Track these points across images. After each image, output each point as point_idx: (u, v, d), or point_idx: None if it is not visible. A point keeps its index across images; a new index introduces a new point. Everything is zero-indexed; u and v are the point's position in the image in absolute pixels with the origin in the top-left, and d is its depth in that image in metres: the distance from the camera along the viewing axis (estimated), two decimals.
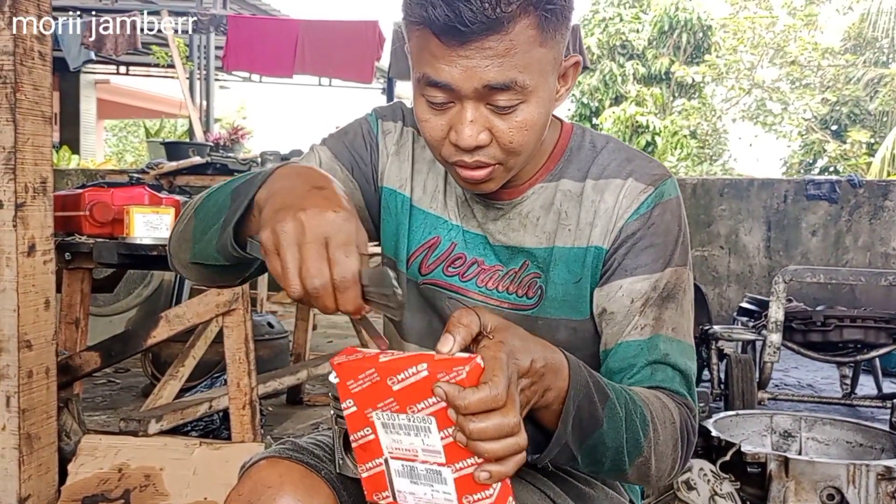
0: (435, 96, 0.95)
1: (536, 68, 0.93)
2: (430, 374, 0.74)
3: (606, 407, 0.89)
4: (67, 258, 2.72)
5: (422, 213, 1.14)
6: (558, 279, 1.07)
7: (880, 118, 16.43)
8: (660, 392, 1.01)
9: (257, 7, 10.80)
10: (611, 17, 18.40)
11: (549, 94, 0.97)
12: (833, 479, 2.31)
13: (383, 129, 1.17)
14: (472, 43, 0.89)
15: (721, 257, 6.94)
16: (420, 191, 1.15)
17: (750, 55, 18.54)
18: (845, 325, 3.98)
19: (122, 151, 22.76)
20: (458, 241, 1.12)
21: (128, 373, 4.58)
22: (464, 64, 0.90)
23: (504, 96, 0.92)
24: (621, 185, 1.06)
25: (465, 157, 0.97)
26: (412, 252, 1.14)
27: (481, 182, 1.00)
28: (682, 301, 1.06)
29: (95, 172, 7.84)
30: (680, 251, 1.06)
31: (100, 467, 2.22)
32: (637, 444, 0.93)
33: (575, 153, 1.10)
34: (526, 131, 0.95)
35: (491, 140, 0.96)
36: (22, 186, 1.92)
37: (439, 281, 1.13)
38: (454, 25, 0.87)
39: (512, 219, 1.10)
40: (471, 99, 0.93)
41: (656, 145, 16.56)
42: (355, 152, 1.15)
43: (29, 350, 1.98)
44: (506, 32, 0.88)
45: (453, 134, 0.96)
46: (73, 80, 12.80)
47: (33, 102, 1.95)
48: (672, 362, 1.03)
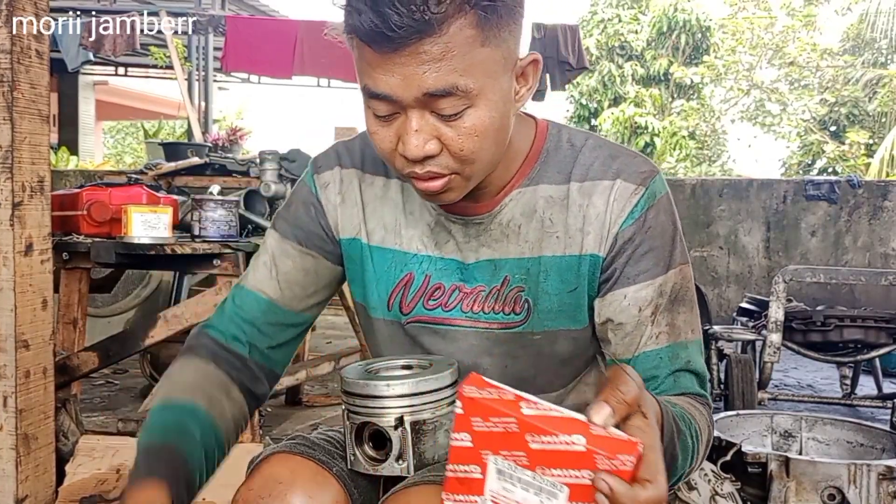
0: (379, 108, 0.91)
1: (480, 70, 0.87)
2: (587, 453, 0.69)
3: (681, 441, 0.89)
4: (65, 258, 2.71)
5: (387, 252, 1.10)
6: (551, 289, 1.04)
7: (879, 119, 16.43)
8: (690, 398, 1.02)
9: (256, 8, 10.80)
10: (609, 18, 18.41)
11: (501, 95, 0.91)
12: (834, 479, 2.30)
13: (320, 183, 1.13)
14: (406, 49, 0.84)
15: (720, 258, 6.94)
16: (380, 230, 1.10)
17: (749, 56, 18.54)
18: (845, 324, 3.97)
19: (120, 153, 22.75)
20: (432, 272, 1.08)
21: (126, 373, 4.57)
22: (400, 72, 0.86)
23: (447, 102, 0.87)
24: (610, 186, 1.02)
25: (416, 169, 0.93)
26: (389, 294, 1.10)
27: (439, 193, 0.95)
28: (690, 298, 1.05)
29: (94, 173, 7.83)
30: (679, 250, 1.04)
31: (98, 468, 2.22)
32: (695, 460, 0.95)
33: (552, 154, 1.06)
34: (477, 137, 0.90)
35: (441, 149, 0.91)
36: (19, 185, 1.92)
37: (422, 317, 1.09)
38: (382, 32, 0.83)
39: (493, 230, 1.05)
40: (414, 108, 0.88)
41: (655, 146, 16.57)
42: (301, 223, 1.13)
43: (26, 350, 1.97)
44: (440, 35, 0.83)
45: (401, 145, 0.91)
46: (72, 81, 12.79)
47: (30, 101, 1.94)
48: (692, 368, 1.03)
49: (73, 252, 2.68)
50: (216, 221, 2.62)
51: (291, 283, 1.12)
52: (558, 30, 7.80)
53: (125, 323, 4.88)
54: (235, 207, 2.70)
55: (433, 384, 0.97)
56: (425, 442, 0.97)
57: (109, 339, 2.67)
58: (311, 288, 1.14)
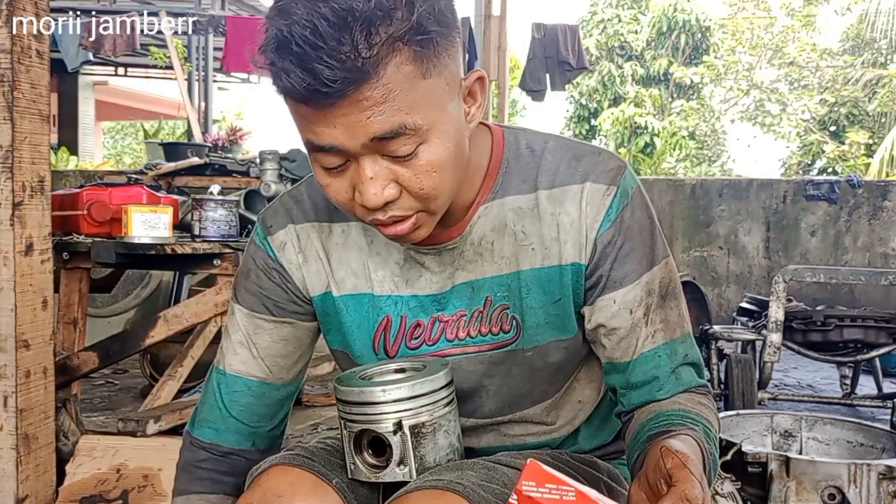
0: (327, 161, 0.86)
1: (426, 103, 0.83)
2: None
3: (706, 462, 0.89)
4: (65, 258, 2.71)
5: (362, 298, 1.06)
6: (535, 303, 1.02)
7: (879, 119, 16.43)
8: (692, 393, 1.03)
9: (256, 8, 10.79)
10: (609, 19, 18.42)
11: (453, 123, 0.87)
12: (834, 478, 2.30)
13: (276, 245, 1.07)
14: (345, 100, 0.79)
15: (720, 258, 6.94)
16: (350, 278, 1.06)
17: (748, 56, 18.55)
18: (845, 324, 3.97)
19: (120, 153, 22.74)
20: (407, 312, 1.04)
21: (126, 373, 4.57)
22: (343, 122, 0.81)
23: (398, 143, 0.83)
24: (580, 190, 0.99)
25: (378, 216, 0.89)
26: (372, 339, 1.06)
27: (409, 234, 0.92)
28: (676, 290, 1.04)
29: (94, 173, 7.83)
30: (659, 244, 1.02)
31: (98, 468, 2.22)
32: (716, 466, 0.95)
33: (514, 162, 1.02)
34: (435, 173, 0.86)
35: (400, 191, 0.87)
36: (19, 185, 1.91)
37: (409, 357, 1.06)
38: (316, 89, 0.77)
39: (466, 251, 1.02)
40: (364, 155, 0.84)
41: (655, 146, 16.57)
42: (266, 291, 1.08)
43: (26, 350, 1.97)
44: (377, 79, 0.78)
45: (357, 195, 0.87)
46: (72, 81, 12.79)
47: (31, 101, 1.94)
48: (690, 360, 1.04)
49: (74, 252, 2.69)
50: (216, 221, 2.62)
51: (275, 357, 1.09)
52: (558, 30, 7.81)
53: (125, 323, 4.88)
54: (235, 207, 2.70)
55: (429, 386, 0.96)
56: (425, 445, 0.96)
57: (109, 338, 2.67)
58: (296, 354, 1.12)
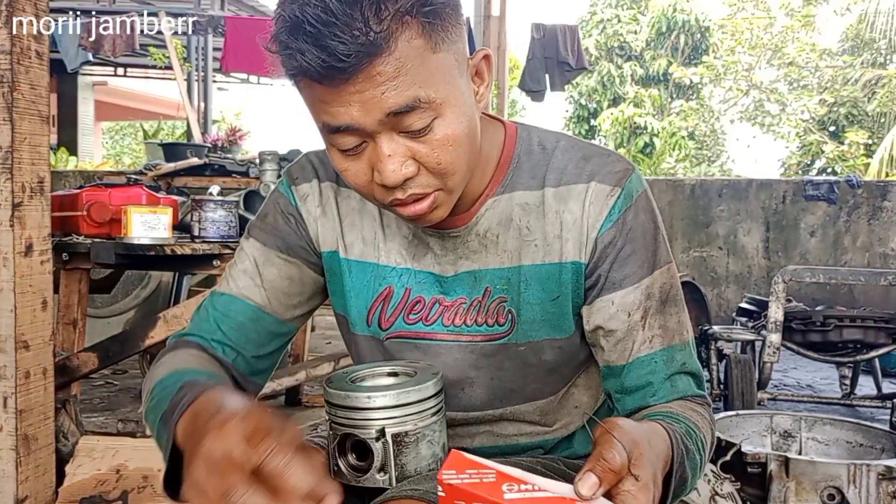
0: (344, 142, 0.88)
1: (438, 77, 0.85)
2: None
3: (690, 460, 0.88)
4: (65, 258, 2.71)
5: (366, 266, 1.07)
6: (533, 299, 1.02)
7: (878, 119, 16.44)
8: (688, 402, 1.01)
9: (255, 8, 10.80)
10: (608, 19, 18.43)
11: (464, 99, 0.89)
12: (834, 479, 2.31)
13: (299, 195, 1.09)
14: (359, 75, 0.80)
15: (720, 258, 6.94)
16: (360, 244, 1.08)
17: (748, 56, 18.56)
18: (845, 325, 3.97)
19: (119, 153, 22.74)
20: (412, 285, 1.05)
21: (126, 374, 4.57)
22: (358, 99, 0.82)
23: (413, 118, 0.84)
24: (584, 190, 0.99)
25: (398, 195, 0.89)
26: (368, 309, 1.08)
27: (427, 214, 0.92)
28: (678, 297, 1.03)
29: (93, 174, 7.83)
30: (662, 248, 1.02)
31: (98, 468, 2.22)
32: (701, 470, 0.93)
33: (525, 158, 1.03)
34: (451, 147, 0.87)
35: (418, 168, 0.88)
36: (19, 186, 1.92)
37: (402, 332, 1.06)
38: (331, 65, 0.79)
39: (471, 242, 1.03)
40: (381, 132, 0.85)
41: (654, 146, 16.58)
42: (282, 232, 1.09)
43: (26, 351, 1.97)
44: (389, 52, 0.80)
45: (377, 174, 0.88)
46: (71, 81, 12.80)
47: (30, 102, 1.94)
48: (688, 369, 1.02)
49: (73, 253, 2.68)
50: (216, 222, 2.62)
51: (277, 291, 1.09)
52: (557, 30, 7.81)
53: (125, 323, 4.88)
54: (235, 208, 2.70)
55: (415, 395, 0.95)
56: (407, 454, 0.96)
57: (109, 339, 2.67)
58: (296, 297, 1.11)
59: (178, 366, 0.99)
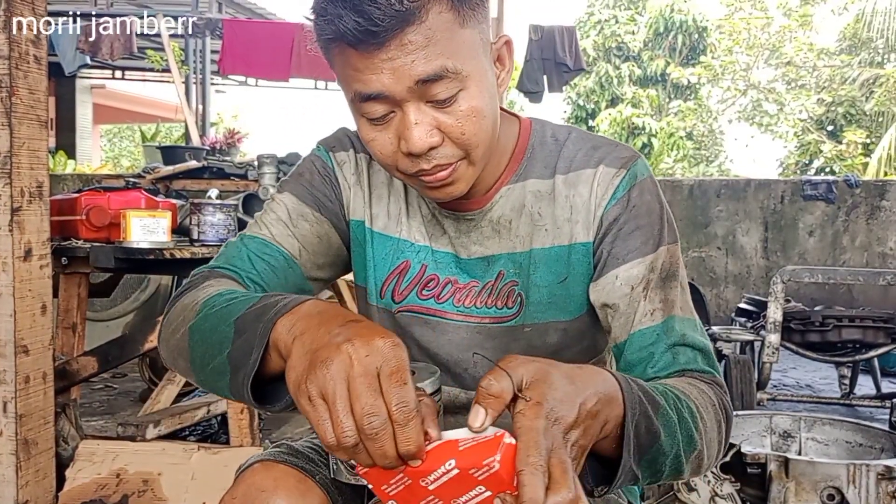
0: (373, 111, 0.91)
1: (465, 51, 0.90)
2: (462, 472, 0.67)
3: (660, 416, 0.84)
4: (64, 262, 2.71)
5: (387, 239, 1.11)
6: (541, 282, 1.04)
7: (876, 118, 16.45)
8: (689, 377, 0.97)
9: (253, 11, 10.79)
10: (606, 20, 18.44)
11: (488, 77, 0.94)
12: (833, 479, 2.31)
13: (337, 161, 1.13)
14: (391, 42, 0.86)
15: (718, 258, 6.95)
16: (384, 216, 1.11)
17: (745, 56, 18.57)
18: (843, 324, 3.98)
19: (117, 156, 22.74)
20: (429, 263, 1.09)
21: (125, 378, 4.57)
22: (389, 66, 0.87)
23: (440, 87, 0.89)
24: (592, 174, 1.03)
25: (422, 165, 0.93)
26: (383, 281, 1.11)
27: (448, 185, 0.96)
28: (682, 279, 1.03)
29: (92, 177, 7.82)
30: (668, 229, 1.03)
31: (98, 473, 2.22)
32: (691, 440, 0.88)
33: (538, 149, 1.07)
34: (475, 118, 0.92)
35: (443, 138, 0.92)
36: (18, 191, 1.92)
37: (414, 306, 1.09)
38: (367, 29, 0.84)
39: (484, 227, 1.07)
40: (409, 101, 0.89)
41: (653, 147, 16.58)
42: (318, 191, 1.11)
43: (26, 355, 1.97)
44: (421, 22, 0.86)
45: (403, 143, 0.92)
46: (69, 85, 12.79)
47: (29, 106, 1.94)
48: (691, 342, 0.99)
49: (72, 257, 2.68)
50: (215, 225, 2.62)
51: (308, 246, 1.10)
52: (555, 31, 7.81)
53: (124, 327, 4.88)
54: (234, 211, 2.70)
55: None
56: None
57: (109, 343, 2.67)
58: (322, 258, 1.12)
59: (228, 288, 0.97)
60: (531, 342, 1.06)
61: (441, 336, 1.09)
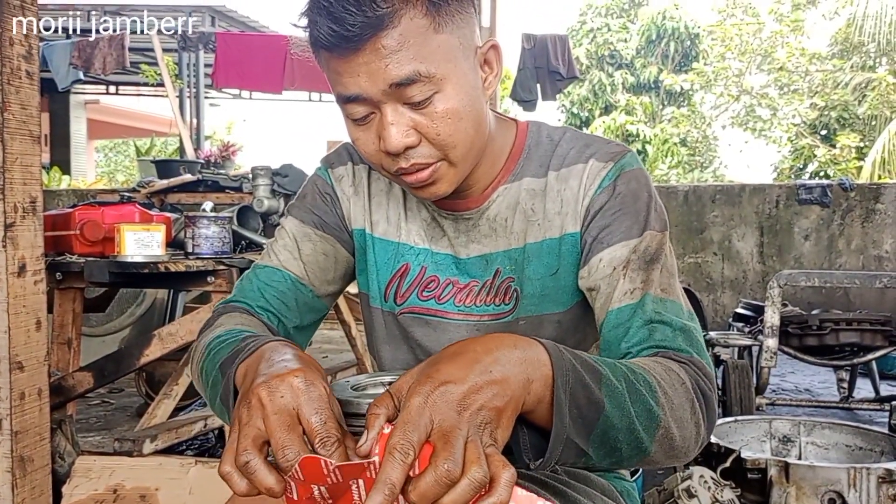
0: (356, 111, 0.95)
1: (439, 55, 0.92)
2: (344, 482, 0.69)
3: (603, 385, 0.80)
4: (58, 278, 2.70)
5: (388, 244, 1.16)
6: (534, 275, 1.07)
7: (869, 122, 16.50)
8: (661, 357, 0.93)
9: (246, 24, 10.82)
10: (598, 28, 18.52)
11: (467, 80, 0.95)
12: (834, 483, 2.30)
13: (335, 176, 1.19)
14: (366, 47, 0.89)
15: (714, 264, 6.95)
16: (384, 222, 1.16)
17: (738, 62, 18.63)
18: (841, 328, 3.98)
19: (112, 171, 22.73)
20: (428, 265, 1.13)
21: (121, 393, 4.56)
22: (365, 70, 0.91)
23: (414, 90, 0.91)
24: (583, 168, 1.06)
25: (401, 163, 0.96)
26: (385, 284, 1.15)
27: (428, 184, 0.99)
28: (667, 263, 1.01)
29: (86, 192, 7.82)
30: (655, 216, 1.02)
31: (95, 489, 2.20)
32: (651, 414, 0.83)
33: (534, 150, 1.10)
34: (450, 120, 0.94)
35: (420, 139, 0.95)
36: (11, 206, 1.91)
37: (416, 307, 1.13)
38: (341, 34, 0.88)
39: (482, 226, 1.10)
40: (385, 102, 0.93)
41: (647, 153, 16.63)
42: (318, 211, 1.18)
43: (21, 371, 1.96)
44: (394, 27, 0.89)
45: (381, 142, 0.95)
46: (64, 101, 12.81)
47: (21, 122, 1.93)
48: (668, 320, 0.96)
49: (67, 272, 2.67)
50: (209, 238, 2.61)
51: (313, 265, 1.16)
52: (548, 40, 7.83)
53: (120, 342, 4.86)
54: (228, 224, 2.70)
55: None
56: None
57: (104, 358, 2.66)
58: (330, 273, 1.18)
59: (235, 325, 1.05)
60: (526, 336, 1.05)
61: (442, 335, 1.12)
